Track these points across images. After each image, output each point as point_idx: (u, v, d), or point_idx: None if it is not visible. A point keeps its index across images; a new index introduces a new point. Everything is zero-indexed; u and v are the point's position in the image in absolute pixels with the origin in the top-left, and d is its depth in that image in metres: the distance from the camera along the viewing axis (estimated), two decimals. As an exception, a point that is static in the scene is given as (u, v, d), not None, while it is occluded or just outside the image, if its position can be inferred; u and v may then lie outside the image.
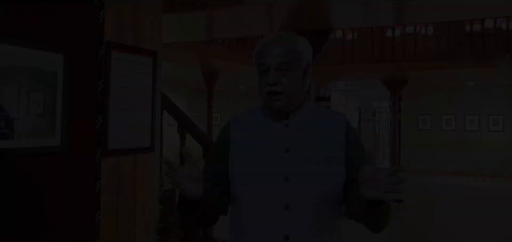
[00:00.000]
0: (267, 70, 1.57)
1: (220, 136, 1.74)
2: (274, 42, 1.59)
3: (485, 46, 9.35)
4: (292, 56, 1.57)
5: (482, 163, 13.82)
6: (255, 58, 1.63)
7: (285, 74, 1.56)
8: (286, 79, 1.56)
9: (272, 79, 1.54)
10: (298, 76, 1.60)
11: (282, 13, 5.79)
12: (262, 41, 1.62)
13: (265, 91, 1.57)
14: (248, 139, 1.64)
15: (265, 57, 1.57)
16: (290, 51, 1.57)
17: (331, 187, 1.58)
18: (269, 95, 1.57)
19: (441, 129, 14.58)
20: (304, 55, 1.62)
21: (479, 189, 11.55)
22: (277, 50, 1.56)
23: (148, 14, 2.78)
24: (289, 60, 1.56)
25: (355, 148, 1.65)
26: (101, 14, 2.44)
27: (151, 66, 2.78)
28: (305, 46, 1.63)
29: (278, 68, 1.55)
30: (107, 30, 2.49)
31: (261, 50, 1.59)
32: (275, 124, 1.64)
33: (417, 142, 14.74)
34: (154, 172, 2.89)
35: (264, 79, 1.58)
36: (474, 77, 11.71)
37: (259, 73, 1.61)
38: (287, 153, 1.59)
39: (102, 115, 2.46)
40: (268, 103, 1.60)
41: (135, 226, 2.71)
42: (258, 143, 1.63)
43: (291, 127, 1.63)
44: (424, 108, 14.77)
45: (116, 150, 2.56)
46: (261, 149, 1.61)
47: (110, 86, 2.50)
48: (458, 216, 8.52)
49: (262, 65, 1.58)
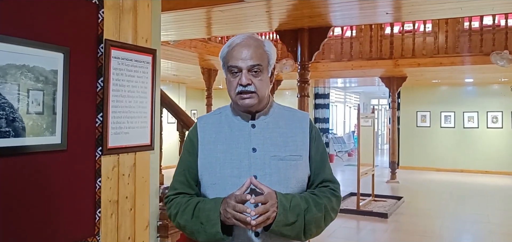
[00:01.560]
0: (239, 72, 1.64)
1: (188, 138, 1.80)
2: (244, 45, 1.65)
3: (483, 43, 9.36)
4: (262, 59, 1.65)
5: (481, 160, 13.86)
6: (223, 60, 1.71)
7: (255, 76, 1.64)
8: (257, 80, 1.64)
9: (245, 80, 1.61)
10: (267, 78, 1.69)
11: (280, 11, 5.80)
12: (231, 44, 1.69)
13: (237, 91, 1.64)
14: (216, 140, 1.71)
15: (236, 60, 1.63)
16: (260, 54, 1.65)
17: (297, 184, 1.68)
18: (240, 94, 1.63)
19: (440, 126, 14.61)
20: (271, 58, 1.71)
21: (478, 186, 11.57)
22: (248, 54, 1.63)
23: (147, 13, 2.79)
24: (260, 63, 1.64)
25: (316, 146, 1.75)
26: (100, 12, 2.45)
27: (151, 65, 2.79)
28: (271, 49, 1.72)
29: (250, 71, 1.63)
30: (106, 29, 2.49)
31: (232, 52, 1.66)
32: (242, 124, 1.71)
33: (416, 138, 14.77)
34: (154, 169, 2.90)
35: (235, 81, 1.64)
36: (473, 74, 11.72)
37: (230, 75, 1.67)
38: (254, 152, 1.65)
39: (101, 114, 2.47)
40: (239, 102, 1.66)
41: (135, 223, 2.72)
42: (226, 144, 1.69)
43: (258, 127, 1.70)
44: (422, 105, 14.80)
45: (116, 148, 2.57)
46: (229, 149, 1.68)
47: (109, 84, 2.51)
48: (457, 212, 8.55)
49: (234, 68, 1.64)
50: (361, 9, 5.73)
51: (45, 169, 2.19)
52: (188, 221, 1.64)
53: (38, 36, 2.13)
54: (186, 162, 1.75)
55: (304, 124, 1.74)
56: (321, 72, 11.47)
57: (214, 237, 1.57)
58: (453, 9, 5.53)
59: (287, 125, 1.73)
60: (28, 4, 2.09)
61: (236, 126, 1.70)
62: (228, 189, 1.59)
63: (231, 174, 1.63)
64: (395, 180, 11.90)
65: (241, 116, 1.71)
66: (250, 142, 1.66)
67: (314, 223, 1.61)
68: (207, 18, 6.18)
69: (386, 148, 21.28)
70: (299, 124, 1.74)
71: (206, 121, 1.77)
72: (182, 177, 1.74)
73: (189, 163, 1.73)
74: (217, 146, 1.68)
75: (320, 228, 1.66)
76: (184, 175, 1.73)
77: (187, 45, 8.36)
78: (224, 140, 1.69)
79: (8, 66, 2.01)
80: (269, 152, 1.65)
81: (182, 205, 1.68)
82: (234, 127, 1.70)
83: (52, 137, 2.21)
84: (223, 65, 1.70)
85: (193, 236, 1.66)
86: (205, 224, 1.57)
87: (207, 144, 1.70)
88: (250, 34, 1.70)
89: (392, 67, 10.57)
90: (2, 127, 1.99)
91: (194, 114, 16.44)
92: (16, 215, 2.07)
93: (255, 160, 1.64)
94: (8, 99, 2.01)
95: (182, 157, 1.79)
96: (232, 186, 1.60)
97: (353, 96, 22.25)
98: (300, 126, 1.73)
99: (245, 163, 1.64)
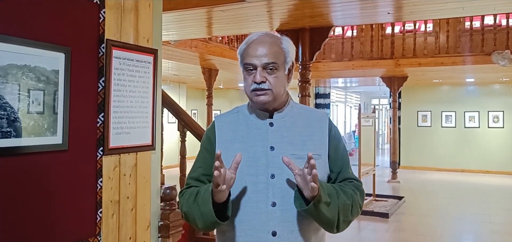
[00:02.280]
0: (254, 70, 1.62)
1: (206, 136, 1.78)
2: (260, 42, 1.63)
3: (484, 42, 9.35)
4: (278, 57, 1.63)
5: (482, 159, 13.85)
6: (241, 57, 1.68)
7: (270, 74, 1.61)
8: (272, 78, 1.61)
9: (259, 78, 1.59)
10: (283, 76, 1.66)
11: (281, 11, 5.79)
12: (248, 41, 1.67)
13: (251, 88, 1.62)
14: (233, 138, 1.69)
15: (251, 57, 1.61)
16: (276, 52, 1.63)
17: None
18: (255, 91, 1.61)
19: (441, 125, 14.59)
20: (289, 55, 1.67)
21: (479, 185, 11.56)
22: (263, 51, 1.61)
23: (148, 12, 2.79)
24: (275, 61, 1.61)
25: (336, 145, 1.73)
26: (101, 12, 2.45)
27: (152, 64, 2.79)
28: (289, 45, 1.69)
29: (265, 68, 1.61)
30: (107, 29, 2.49)
31: (247, 50, 1.64)
32: (260, 122, 1.69)
33: (416, 138, 14.76)
34: (155, 169, 2.90)
35: (250, 78, 1.63)
36: (474, 73, 11.71)
37: (245, 72, 1.65)
38: (272, 151, 1.63)
39: (103, 114, 2.47)
40: (253, 99, 1.64)
41: (136, 224, 2.72)
42: (243, 142, 1.67)
43: (276, 125, 1.67)
44: (423, 105, 14.79)
45: (117, 148, 2.56)
46: (246, 148, 1.65)
47: (111, 84, 2.50)
48: (458, 212, 8.54)
49: (249, 65, 1.62)
50: (363, 9, 5.72)
51: (46, 169, 2.19)
52: (190, 206, 1.62)
53: (40, 36, 2.12)
54: (203, 159, 1.74)
55: (323, 123, 1.72)
56: (322, 72, 11.47)
57: (208, 218, 1.53)
58: (455, 9, 5.52)
59: (305, 123, 1.70)
60: (30, 4, 2.09)
61: (253, 124, 1.68)
62: (246, 187, 1.58)
63: (248, 172, 1.61)
64: (396, 180, 11.89)
65: (259, 114, 1.69)
66: (267, 140, 1.64)
67: (343, 211, 1.56)
68: (208, 18, 6.17)
69: (386, 148, 21.27)
70: (318, 123, 1.71)
71: (224, 120, 1.75)
72: (197, 174, 1.72)
73: (206, 160, 1.71)
74: (234, 144, 1.66)
75: (348, 219, 1.61)
76: (199, 172, 1.72)
77: (187, 45, 8.36)
78: (242, 138, 1.67)
79: (9, 66, 2.01)
80: (287, 151, 1.61)
81: (188, 193, 1.67)
82: (251, 125, 1.68)
83: (53, 137, 2.21)
84: (240, 62, 1.68)
85: (194, 224, 1.63)
86: (200, 204, 1.55)
87: (224, 142, 1.68)
88: (268, 31, 1.69)
89: (393, 67, 10.57)
90: (3, 127, 1.99)
91: (195, 114, 16.45)
92: (17, 215, 2.07)
93: (273, 159, 1.61)
94: (9, 100, 2.01)
95: (199, 154, 1.77)
96: (249, 184, 1.58)
97: (354, 96, 22.23)
98: (319, 125, 1.71)
99: (262, 161, 1.61)
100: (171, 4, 5.09)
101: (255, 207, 1.59)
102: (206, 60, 9.91)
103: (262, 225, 1.57)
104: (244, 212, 1.60)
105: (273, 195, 1.58)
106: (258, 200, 1.59)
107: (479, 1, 5.15)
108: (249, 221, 1.59)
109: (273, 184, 1.59)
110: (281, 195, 1.58)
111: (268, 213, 1.57)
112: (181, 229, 3.07)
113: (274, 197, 1.58)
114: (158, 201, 2.95)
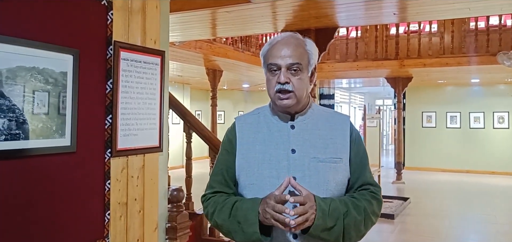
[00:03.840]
0: (278, 70, 1.60)
1: (226, 137, 1.76)
2: (284, 43, 1.62)
3: (490, 43, 9.32)
4: (302, 58, 1.62)
5: (487, 160, 13.79)
6: (264, 58, 1.66)
7: (294, 75, 1.60)
8: (296, 79, 1.60)
9: (284, 78, 1.57)
10: (307, 78, 1.65)
11: (286, 11, 5.78)
12: (272, 42, 1.65)
13: (275, 89, 1.60)
14: (254, 140, 1.67)
15: (276, 58, 1.60)
16: (301, 53, 1.62)
17: (337, 187, 1.62)
18: (278, 93, 1.59)
19: (446, 126, 14.54)
20: (312, 57, 1.66)
21: (484, 186, 11.51)
22: (288, 51, 1.59)
23: (156, 14, 2.78)
24: (299, 62, 1.60)
25: (357, 148, 1.71)
26: (109, 14, 2.44)
27: (159, 66, 2.78)
28: (313, 48, 1.67)
29: (289, 69, 1.59)
30: (115, 30, 2.49)
31: (272, 51, 1.62)
32: (281, 125, 1.67)
33: (421, 139, 14.72)
34: (162, 171, 2.89)
35: (274, 79, 1.61)
36: (479, 74, 11.67)
37: (269, 73, 1.63)
38: (293, 154, 1.61)
39: (111, 115, 2.46)
40: (277, 102, 1.62)
41: (143, 225, 2.71)
42: (264, 144, 1.65)
43: (297, 128, 1.66)
44: (428, 106, 14.74)
45: (125, 149, 2.56)
46: (267, 150, 1.64)
47: (119, 86, 2.50)
48: (464, 213, 8.50)
49: (273, 66, 1.60)
50: (368, 9, 5.70)
51: (54, 171, 2.19)
52: (225, 220, 1.60)
53: (48, 38, 2.12)
54: (224, 161, 1.72)
55: (344, 126, 1.70)
56: (326, 73, 11.45)
57: (251, 237, 1.53)
58: (461, 10, 5.49)
59: (327, 126, 1.68)
60: (38, 7, 2.09)
61: (274, 126, 1.67)
62: (266, 190, 1.56)
63: (270, 174, 1.60)
64: (401, 181, 11.86)
65: (280, 117, 1.67)
66: (289, 143, 1.62)
67: (353, 227, 1.56)
68: (212, 19, 6.16)
69: (391, 149, 21.22)
70: (340, 126, 1.69)
71: (245, 121, 1.73)
72: (220, 176, 1.71)
73: (227, 162, 1.70)
74: (255, 146, 1.65)
75: (361, 232, 1.60)
76: (222, 174, 1.70)
77: (192, 46, 8.35)
78: (263, 140, 1.65)
79: (18, 68, 2.00)
80: (308, 154, 1.60)
81: (219, 203, 1.65)
82: (272, 127, 1.67)
83: (61, 139, 2.21)
84: (263, 63, 1.66)
85: (229, 236, 1.62)
86: (243, 223, 1.54)
87: (245, 144, 1.67)
88: (292, 33, 1.66)
89: (397, 67, 10.54)
90: (12, 129, 1.99)
91: (199, 115, 16.45)
92: (26, 216, 2.07)
93: (294, 162, 1.60)
94: (18, 102, 2.01)
95: (219, 156, 1.76)
96: (270, 187, 1.56)
97: (358, 97, 22.19)
98: (340, 128, 1.69)
99: (284, 164, 1.60)
100: (177, 5, 5.08)
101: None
102: (211, 61, 9.91)
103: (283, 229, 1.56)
104: None
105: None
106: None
107: (485, 1, 5.13)
108: None
109: None
110: None
111: (289, 215, 1.56)
112: (188, 231, 3.07)
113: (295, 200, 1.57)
114: (165, 203, 2.95)
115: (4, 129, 1.96)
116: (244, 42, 9.81)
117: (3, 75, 1.95)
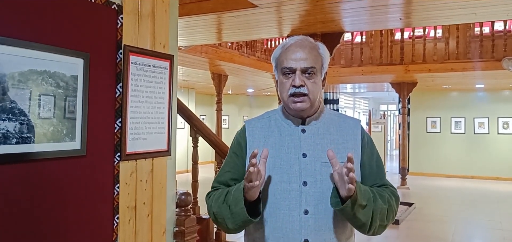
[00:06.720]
0: (292, 74, 1.59)
1: (236, 141, 1.75)
2: (299, 46, 1.61)
3: (495, 48, 9.30)
4: (317, 62, 1.61)
5: (492, 166, 13.74)
6: (277, 61, 1.65)
7: (309, 78, 1.59)
8: (310, 83, 1.59)
9: (299, 81, 1.57)
10: (320, 81, 1.65)
11: (292, 16, 5.78)
12: (285, 45, 1.65)
13: (289, 93, 1.59)
14: (265, 144, 1.66)
15: (290, 61, 1.59)
16: (315, 57, 1.62)
17: None
18: (292, 96, 1.59)
19: (450, 132, 14.51)
20: (325, 62, 1.67)
21: (489, 192, 11.47)
22: (302, 55, 1.59)
23: (165, 18, 2.79)
24: (313, 66, 1.60)
25: (370, 152, 1.71)
26: (119, 18, 2.45)
27: (168, 70, 2.79)
28: (325, 52, 1.68)
29: (303, 72, 1.58)
30: (125, 34, 2.49)
31: (286, 53, 1.61)
32: (292, 129, 1.67)
33: (426, 144, 14.68)
34: (171, 175, 2.90)
35: (288, 82, 1.60)
36: (484, 79, 11.64)
37: (283, 76, 1.62)
38: (304, 158, 1.61)
39: (120, 119, 2.47)
40: (290, 105, 1.62)
41: (152, 229, 2.71)
42: (275, 148, 1.65)
43: (308, 132, 1.65)
44: (433, 111, 14.71)
45: (134, 153, 2.56)
46: (278, 154, 1.63)
47: (128, 90, 2.50)
48: (469, 218, 8.47)
49: (287, 69, 1.60)
50: (374, 14, 5.70)
51: (64, 175, 2.19)
52: (219, 207, 1.61)
53: (59, 42, 2.13)
54: (231, 164, 1.72)
55: (355, 130, 1.70)
56: (331, 78, 11.45)
57: (239, 217, 1.52)
58: (468, 15, 5.48)
59: (338, 131, 1.68)
60: (49, 11, 2.10)
61: (286, 130, 1.66)
62: (278, 194, 1.56)
63: (281, 179, 1.59)
64: (406, 186, 11.82)
65: (292, 120, 1.67)
66: (300, 147, 1.62)
67: (379, 214, 1.55)
68: (219, 23, 6.17)
69: (395, 154, 21.17)
70: (351, 130, 1.69)
71: (255, 125, 1.73)
72: (225, 178, 1.71)
73: (235, 165, 1.70)
74: None
75: (383, 223, 1.59)
76: (227, 177, 1.71)
77: (197, 51, 8.37)
78: (274, 144, 1.65)
79: (29, 72, 2.01)
80: (320, 158, 1.60)
81: (217, 194, 1.67)
82: (284, 131, 1.66)
83: (71, 143, 2.21)
84: (275, 67, 1.66)
85: (224, 224, 1.61)
86: (232, 205, 1.54)
87: (256, 148, 1.63)
88: (305, 36, 1.66)
89: (402, 73, 10.54)
90: (23, 132, 1.99)
91: (203, 119, 16.46)
92: (35, 220, 2.07)
93: (305, 166, 1.59)
94: (29, 105, 2.01)
95: (227, 158, 1.76)
96: (281, 191, 1.56)
97: (362, 102, 22.17)
98: (352, 133, 1.69)
99: (295, 168, 1.59)
100: (185, 10, 5.09)
101: (288, 215, 1.57)
102: (216, 65, 9.92)
103: (294, 233, 1.56)
104: (276, 219, 1.58)
105: (306, 202, 1.57)
106: (291, 208, 1.57)
107: (491, 7, 5.12)
108: (281, 229, 1.57)
109: (305, 192, 1.57)
110: (314, 203, 1.57)
111: (300, 221, 1.56)
112: (196, 235, 3.06)
113: (306, 204, 1.57)
114: (173, 207, 2.95)
115: (16, 132, 1.96)
116: (250, 47, 9.82)
117: (15, 79, 1.95)
